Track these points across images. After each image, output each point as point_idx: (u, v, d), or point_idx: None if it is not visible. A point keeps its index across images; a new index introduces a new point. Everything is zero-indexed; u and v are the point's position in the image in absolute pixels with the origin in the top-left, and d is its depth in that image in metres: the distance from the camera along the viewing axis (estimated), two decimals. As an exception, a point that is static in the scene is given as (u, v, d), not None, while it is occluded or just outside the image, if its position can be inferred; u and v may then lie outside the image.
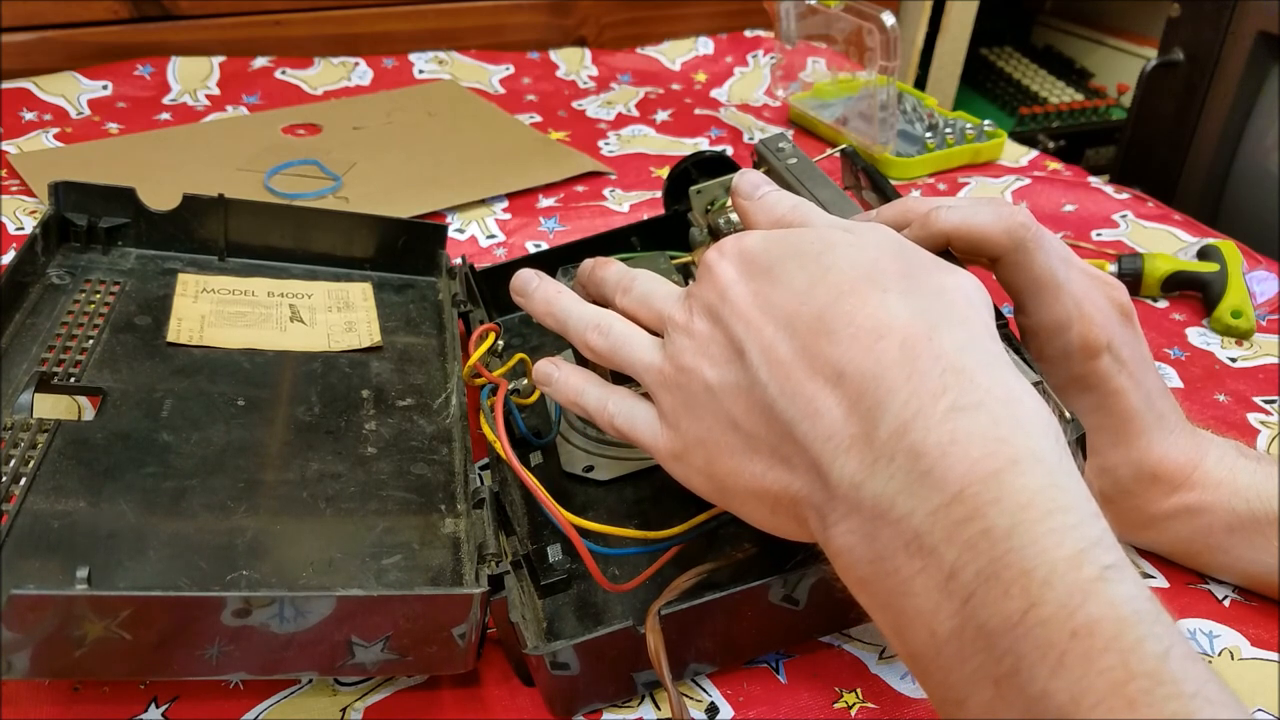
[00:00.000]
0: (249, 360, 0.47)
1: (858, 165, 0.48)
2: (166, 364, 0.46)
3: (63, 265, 0.50)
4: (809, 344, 0.29)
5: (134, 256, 0.53)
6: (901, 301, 0.28)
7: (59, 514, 0.36)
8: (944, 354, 0.27)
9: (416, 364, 0.51)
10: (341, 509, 0.40)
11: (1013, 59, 1.69)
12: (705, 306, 0.32)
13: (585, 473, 0.45)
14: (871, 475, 0.26)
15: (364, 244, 0.57)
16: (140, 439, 0.40)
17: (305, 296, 0.53)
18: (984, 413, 0.25)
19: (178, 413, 0.43)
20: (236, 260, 0.55)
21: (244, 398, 0.45)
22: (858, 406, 0.27)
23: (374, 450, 0.44)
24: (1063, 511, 0.24)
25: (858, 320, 0.28)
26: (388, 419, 0.46)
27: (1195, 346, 0.62)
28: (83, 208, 0.52)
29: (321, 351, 0.49)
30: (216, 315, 0.50)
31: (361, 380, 0.48)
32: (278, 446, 0.42)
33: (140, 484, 0.38)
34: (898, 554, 0.25)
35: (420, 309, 0.56)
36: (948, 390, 0.26)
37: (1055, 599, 0.22)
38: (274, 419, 0.44)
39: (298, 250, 0.56)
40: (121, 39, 0.98)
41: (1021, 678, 0.22)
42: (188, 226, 0.54)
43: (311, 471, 0.41)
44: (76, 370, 0.44)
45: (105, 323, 0.47)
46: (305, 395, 0.46)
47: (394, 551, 0.38)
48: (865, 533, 0.26)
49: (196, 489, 0.39)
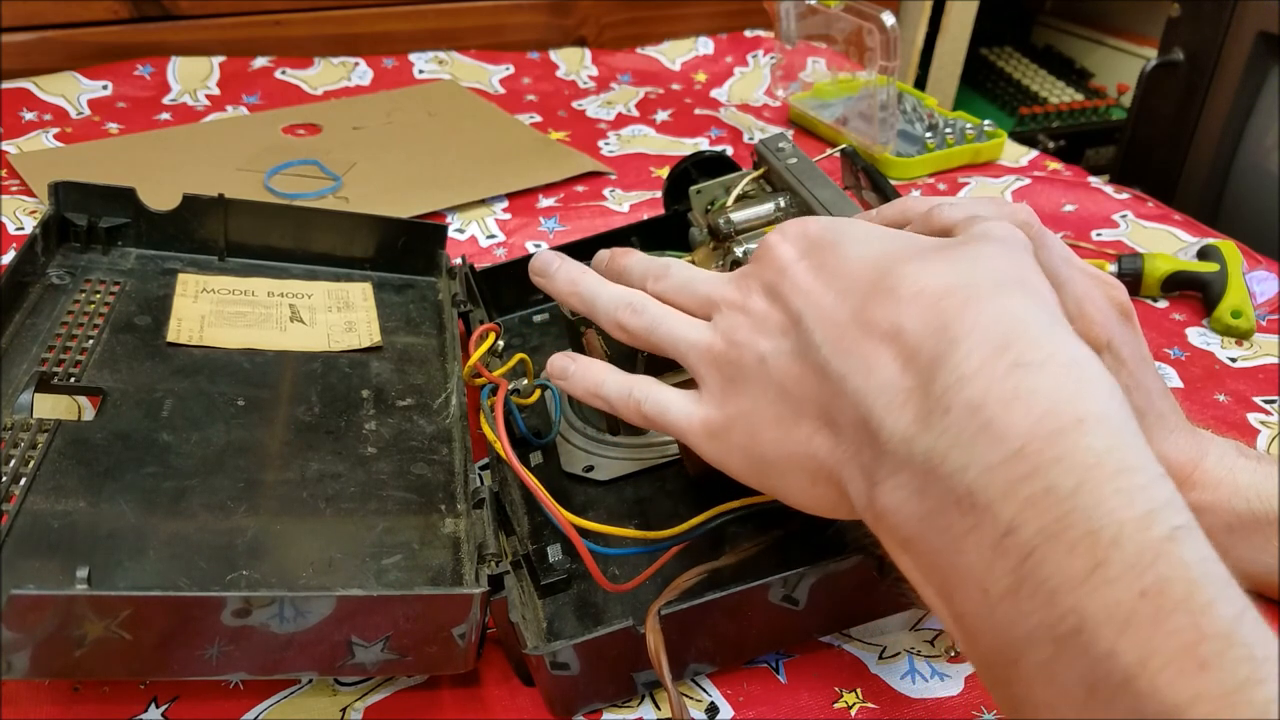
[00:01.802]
0: (249, 360, 0.47)
1: (858, 165, 0.48)
2: (166, 364, 0.46)
3: (63, 265, 0.50)
4: (867, 304, 0.28)
5: (134, 256, 0.53)
6: (966, 265, 0.28)
7: (59, 514, 0.36)
8: (1008, 313, 0.26)
9: (416, 364, 0.51)
10: (341, 509, 0.40)
11: (1013, 59, 1.69)
12: (763, 285, 0.32)
13: (585, 473, 0.45)
14: (925, 429, 0.25)
15: (364, 244, 0.57)
16: (140, 439, 0.40)
17: (305, 296, 0.53)
18: (1048, 372, 0.25)
19: (178, 413, 0.43)
20: (236, 260, 0.55)
21: (244, 397, 0.45)
22: (914, 361, 0.26)
23: (374, 450, 0.44)
24: (1130, 472, 0.23)
25: (920, 282, 0.28)
26: (388, 419, 0.46)
27: (1195, 346, 0.62)
28: (83, 208, 0.52)
29: (321, 351, 0.49)
30: (216, 315, 0.50)
31: (361, 380, 0.48)
32: (278, 446, 0.42)
33: (140, 484, 0.38)
34: (949, 510, 0.24)
35: (420, 309, 0.56)
36: (1011, 347, 0.25)
37: (1123, 559, 0.22)
38: (274, 419, 0.44)
39: (298, 250, 0.56)
40: (121, 39, 0.98)
41: (1085, 637, 0.21)
42: (188, 226, 0.54)
43: (311, 471, 0.41)
44: (76, 370, 0.43)
45: (105, 323, 0.47)
46: (305, 395, 0.46)
47: (394, 551, 0.38)
48: (915, 489, 0.25)
49: (196, 489, 0.39)
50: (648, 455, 0.46)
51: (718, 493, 0.37)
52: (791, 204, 0.48)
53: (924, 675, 0.38)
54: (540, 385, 0.47)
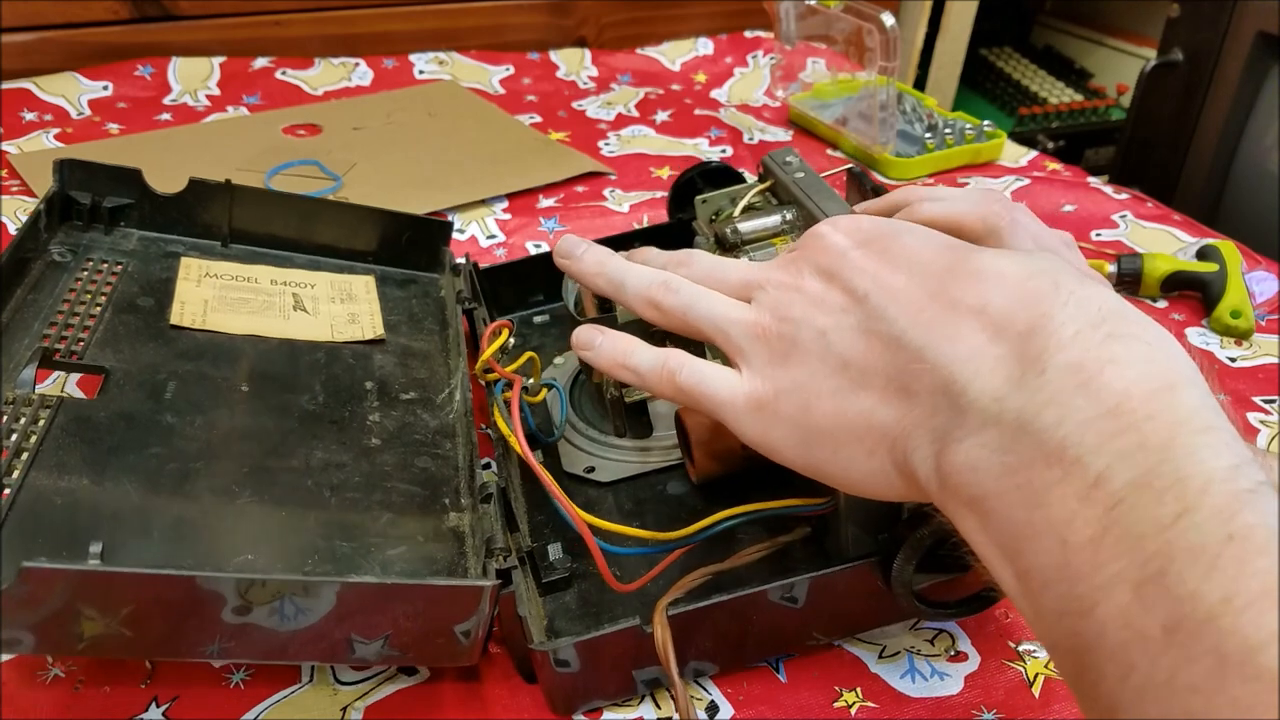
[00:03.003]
0: (252, 346, 0.47)
1: (865, 185, 0.48)
2: (169, 346, 0.45)
3: (64, 243, 0.50)
4: (946, 285, 0.29)
5: (136, 238, 0.53)
6: (1039, 259, 0.29)
7: (62, 491, 0.35)
8: (1096, 294, 0.27)
9: (419, 359, 0.51)
10: (346, 499, 0.40)
11: (1012, 59, 1.69)
12: (817, 267, 0.32)
13: (586, 473, 0.45)
14: (1019, 388, 0.26)
15: (368, 237, 0.57)
16: (143, 420, 0.40)
17: (309, 286, 0.53)
18: (1140, 343, 0.26)
19: (181, 395, 0.42)
20: (239, 247, 0.55)
21: (248, 383, 0.44)
22: (1005, 331, 0.27)
23: (378, 442, 0.44)
24: (1215, 430, 0.24)
25: (1001, 266, 0.29)
26: (391, 411, 0.46)
27: (1195, 346, 0.62)
28: (87, 186, 0.52)
29: (325, 341, 0.49)
30: (219, 300, 0.50)
31: (365, 372, 0.48)
32: (282, 434, 0.42)
33: (144, 465, 0.38)
34: (1035, 464, 0.25)
35: (423, 305, 0.56)
36: (1105, 322, 0.26)
37: (1211, 505, 0.22)
38: (278, 406, 0.44)
39: (301, 241, 0.56)
40: (122, 39, 0.98)
41: (1169, 579, 0.22)
42: (192, 211, 0.54)
43: (316, 460, 0.41)
44: (79, 348, 0.43)
45: (108, 302, 0.47)
46: (309, 384, 0.46)
47: (399, 543, 0.38)
48: (999, 445, 0.26)
49: (200, 472, 0.38)
50: (650, 459, 0.46)
51: (720, 497, 0.37)
52: (798, 218, 0.48)
53: (924, 675, 0.39)
54: (546, 384, 0.47)
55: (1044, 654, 0.39)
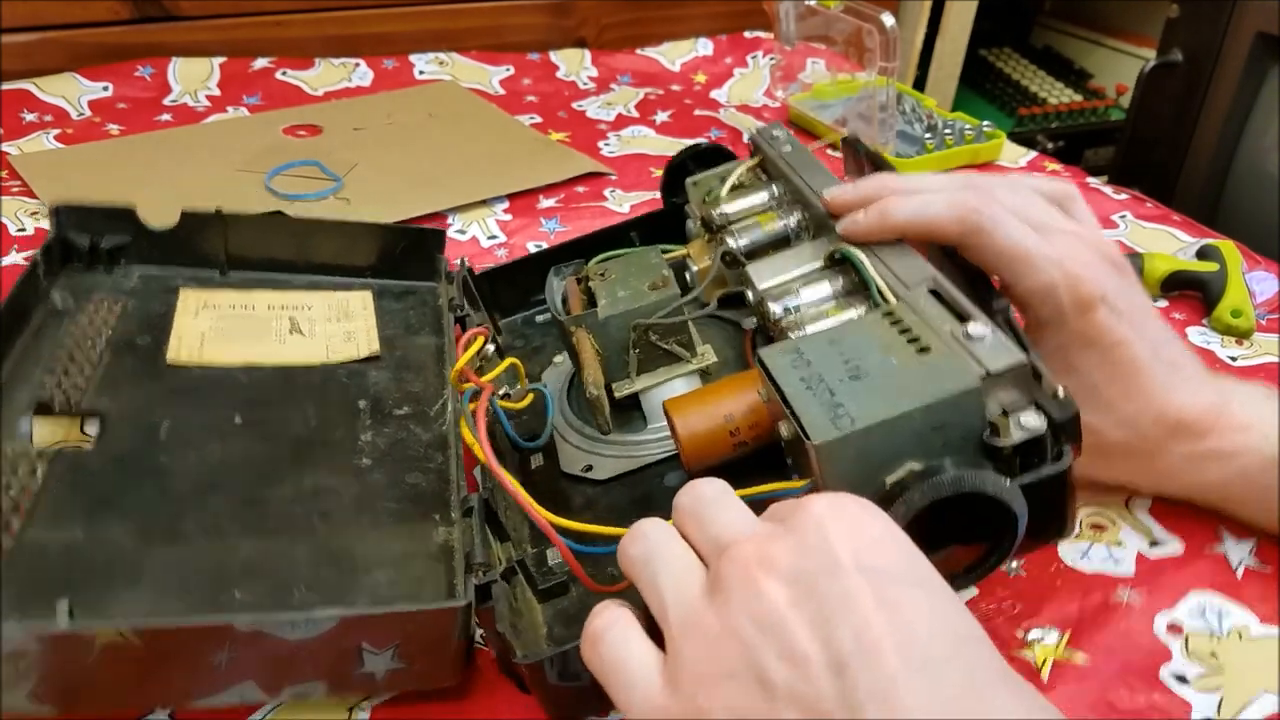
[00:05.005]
0: (247, 376, 0.47)
1: (860, 152, 0.48)
2: (164, 385, 0.45)
3: (66, 288, 0.50)
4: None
5: (137, 275, 0.53)
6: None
7: (57, 544, 0.35)
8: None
9: (414, 371, 0.50)
10: (335, 523, 0.40)
11: (1011, 60, 1.69)
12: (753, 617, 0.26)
13: (584, 472, 0.45)
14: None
15: (364, 252, 0.57)
16: (137, 463, 0.40)
17: (306, 308, 0.53)
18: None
19: (175, 434, 0.42)
20: (238, 274, 0.55)
21: (240, 415, 0.44)
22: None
23: (369, 461, 0.43)
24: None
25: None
26: (384, 429, 0.46)
27: (1196, 346, 0.62)
28: (83, 228, 0.51)
29: (320, 364, 0.49)
30: (215, 332, 0.49)
31: (359, 390, 0.48)
32: (273, 463, 0.42)
33: (137, 509, 0.38)
34: None
35: (420, 315, 0.56)
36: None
37: None
38: (270, 434, 0.44)
39: (299, 261, 0.56)
40: (122, 39, 0.98)
41: None
42: (188, 243, 0.53)
43: (306, 487, 0.41)
44: (78, 395, 0.43)
45: (106, 345, 0.47)
46: (302, 409, 0.46)
47: (385, 565, 0.38)
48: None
49: (191, 512, 0.38)
50: (644, 452, 0.46)
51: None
52: (786, 192, 0.47)
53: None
54: (534, 389, 0.47)
55: (1052, 639, 0.39)
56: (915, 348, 0.33)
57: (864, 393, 0.31)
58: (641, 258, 0.49)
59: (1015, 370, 0.31)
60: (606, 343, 0.45)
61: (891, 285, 0.37)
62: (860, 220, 0.40)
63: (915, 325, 0.34)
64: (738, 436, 0.37)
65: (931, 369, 0.32)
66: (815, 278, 0.41)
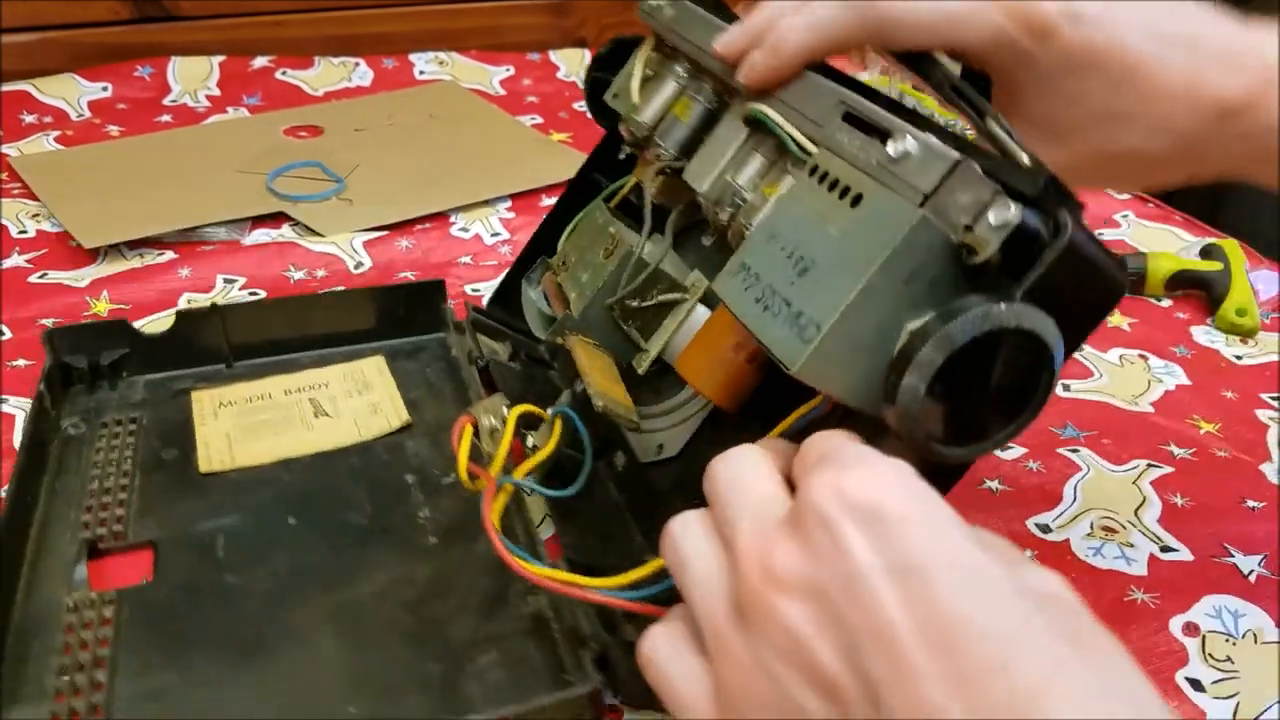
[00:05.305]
0: (287, 471, 0.46)
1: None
2: (205, 497, 0.44)
3: (74, 413, 0.49)
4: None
5: (142, 385, 0.52)
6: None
7: (152, 693, 0.35)
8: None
9: (448, 432, 0.47)
10: (420, 612, 0.39)
11: (1010, 59, 1.69)
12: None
13: (660, 454, 0.43)
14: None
15: (365, 316, 0.56)
16: (205, 587, 0.39)
17: (323, 386, 0.52)
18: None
19: (233, 548, 0.41)
20: (244, 363, 0.54)
21: (293, 514, 0.43)
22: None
23: (435, 540, 0.42)
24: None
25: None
26: (439, 501, 0.44)
27: (1200, 345, 0.62)
28: (78, 348, 0.51)
29: (354, 443, 0.48)
30: (240, 430, 0.48)
31: (402, 465, 0.47)
32: (341, 561, 0.41)
33: (220, 638, 0.37)
34: None
35: (437, 372, 0.54)
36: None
37: None
38: (329, 531, 0.43)
39: (301, 338, 0.55)
40: (122, 39, 0.98)
41: None
42: (187, 342, 0.53)
43: (380, 580, 0.40)
44: (120, 526, 0.42)
45: (134, 467, 0.46)
46: (352, 496, 0.45)
47: (488, 648, 0.37)
48: None
49: (275, 628, 0.38)
50: (699, 407, 0.43)
51: (758, 412, 0.34)
52: (688, 70, 0.43)
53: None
54: (559, 412, 0.41)
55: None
56: (848, 201, 0.29)
57: (816, 287, 0.28)
58: (589, 222, 0.46)
59: (956, 173, 0.27)
60: (599, 333, 0.43)
61: (807, 130, 0.33)
62: (757, 63, 0.35)
63: (841, 171, 0.30)
64: (757, 359, 0.35)
65: (869, 222, 0.28)
66: (744, 155, 0.37)
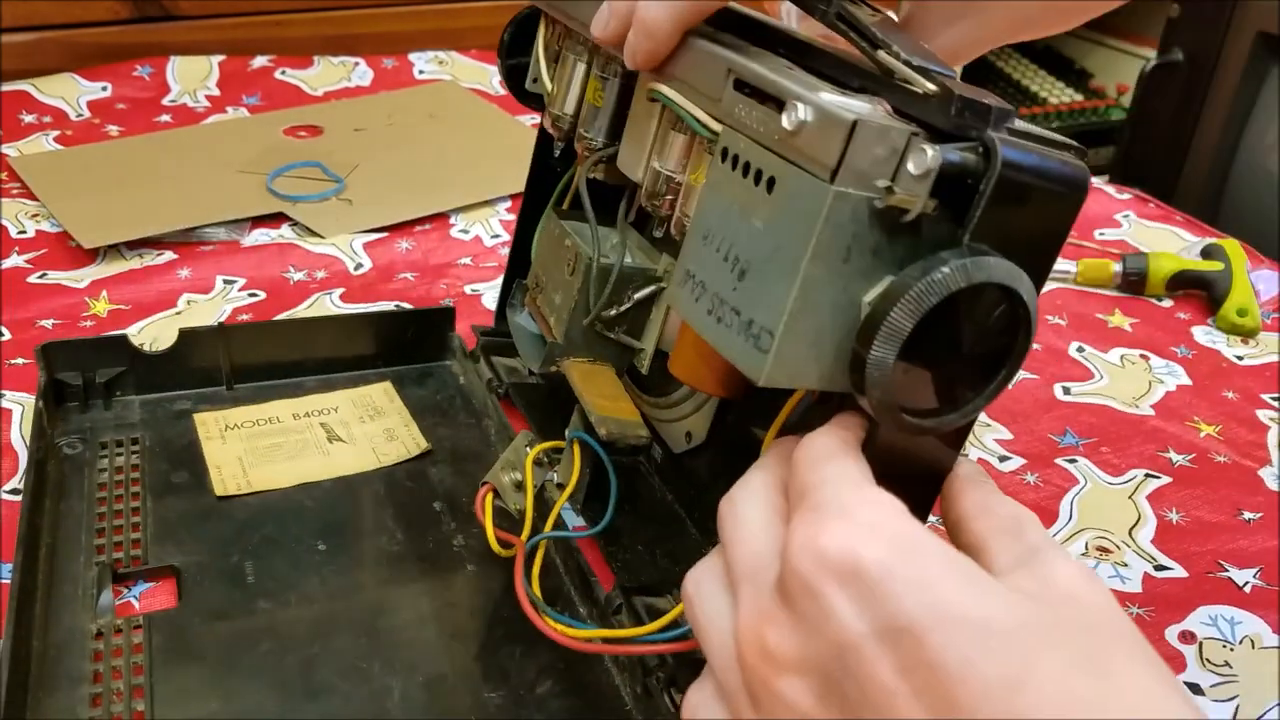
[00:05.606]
0: (307, 495, 0.45)
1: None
2: (226, 522, 0.43)
3: (68, 431, 0.47)
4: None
5: (138, 405, 0.50)
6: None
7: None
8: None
9: (473, 460, 0.48)
10: (470, 641, 0.38)
11: (1012, 59, 1.69)
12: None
13: (690, 443, 0.42)
14: None
15: (369, 341, 0.55)
16: (239, 613, 0.38)
17: (332, 411, 0.51)
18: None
19: (263, 573, 0.40)
20: (244, 386, 0.52)
21: (322, 540, 0.42)
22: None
23: (473, 567, 0.42)
24: None
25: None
26: (470, 528, 0.44)
27: (1201, 345, 0.62)
28: (74, 364, 0.49)
29: (374, 469, 0.47)
30: (252, 453, 0.47)
31: (428, 492, 0.46)
32: (380, 589, 0.40)
33: (263, 666, 0.36)
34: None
35: (447, 398, 0.53)
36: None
37: None
38: (362, 558, 0.42)
39: (305, 361, 0.53)
40: (122, 39, 0.98)
41: None
42: (187, 362, 0.51)
43: (425, 608, 0.39)
44: (137, 550, 0.41)
45: (143, 489, 0.44)
46: (381, 522, 0.44)
47: (543, 677, 0.36)
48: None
49: (321, 657, 0.37)
50: (702, 395, 0.42)
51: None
52: (582, 41, 0.40)
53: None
54: (575, 438, 0.41)
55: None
56: (764, 187, 0.28)
57: (757, 290, 0.27)
58: (548, 236, 0.45)
59: (858, 134, 0.25)
60: (589, 349, 0.42)
61: (707, 107, 0.31)
62: (636, 47, 0.33)
63: (749, 153, 0.28)
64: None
65: (787, 208, 0.27)
66: (663, 135, 0.35)
